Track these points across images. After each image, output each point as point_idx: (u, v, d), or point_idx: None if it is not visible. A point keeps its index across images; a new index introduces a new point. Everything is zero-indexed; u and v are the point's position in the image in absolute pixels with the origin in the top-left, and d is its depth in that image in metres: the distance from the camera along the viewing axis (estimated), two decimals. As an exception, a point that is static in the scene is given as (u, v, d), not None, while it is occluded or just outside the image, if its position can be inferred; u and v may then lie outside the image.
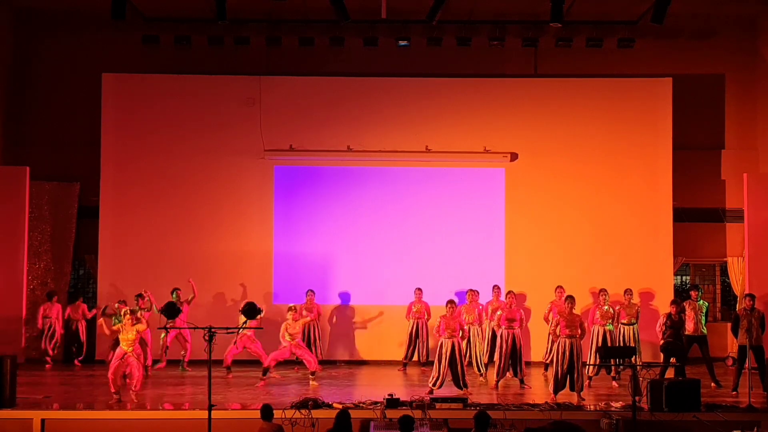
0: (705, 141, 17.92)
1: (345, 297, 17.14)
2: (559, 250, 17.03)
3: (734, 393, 13.33)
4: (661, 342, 14.00)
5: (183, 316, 14.64)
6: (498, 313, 14.56)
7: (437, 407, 11.39)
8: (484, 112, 17.31)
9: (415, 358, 15.92)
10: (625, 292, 15.22)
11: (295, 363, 16.05)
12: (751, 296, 13.90)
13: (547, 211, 17.18)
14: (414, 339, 15.93)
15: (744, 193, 16.58)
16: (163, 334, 15.46)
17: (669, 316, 13.93)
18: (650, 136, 17.16)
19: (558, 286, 15.26)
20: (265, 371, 14.44)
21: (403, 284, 16.46)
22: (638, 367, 12.03)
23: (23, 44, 17.77)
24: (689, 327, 14.15)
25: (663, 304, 16.37)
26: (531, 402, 12.24)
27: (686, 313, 14.19)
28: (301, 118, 17.29)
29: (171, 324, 14.77)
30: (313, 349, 16.04)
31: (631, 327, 14.92)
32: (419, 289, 16.01)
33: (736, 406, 11.89)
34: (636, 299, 15.68)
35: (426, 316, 15.94)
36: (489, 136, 17.24)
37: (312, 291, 16.22)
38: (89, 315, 16.58)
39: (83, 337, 16.58)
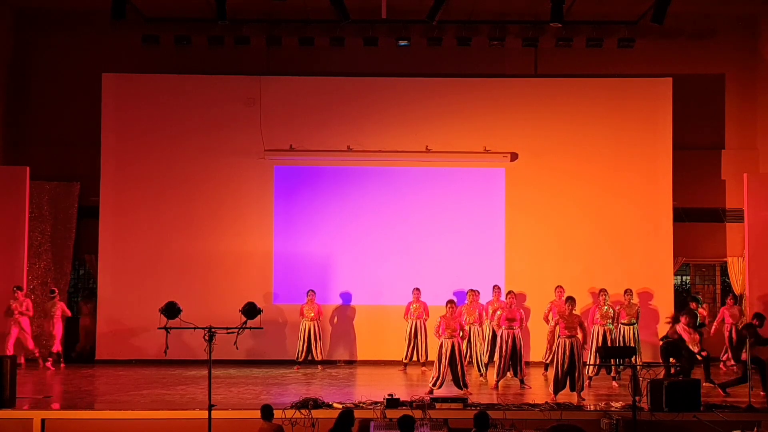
0: (705, 141, 17.91)
1: (345, 297, 17.13)
2: (559, 250, 17.03)
3: (725, 395, 13.16)
4: (661, 343, 13.98)
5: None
6: (498, 313, 14.55)
7: (437, 407, 11.38)
8: (484, 112, 17.30)
9: (415, 358, 15.91)
10: (625, 292, 15.21)
11: (296, 363, 16.07)
12: (760, 316, 13.38)
13: (548, 211, 17.17)
14: (413, 339, 15.92)
15: (744, 193, 16.59)
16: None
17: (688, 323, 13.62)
18: (650, 136, 17.16)
19: (558, 286, 15.26)
20: None
21: (404, 284, 16.43)
22: (638, 367, 12.03)
23: (23, 44, 17.77)
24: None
25: (663, 304, 16.40)
26: (531, 402, 12.23)
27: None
28: (301, 118, 17.28)
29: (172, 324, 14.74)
30: (314, 348, 16.07)
31: (631, 327, 14.91)
32: (417, 289, 15.99)
33: (736, 406, 11.87)
34: (636, 299, 15.67)
35: (424, 316, 15.92)
36: (489, 136, 17.23)
37: (313, 291, 16.21)
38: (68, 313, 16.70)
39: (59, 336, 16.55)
